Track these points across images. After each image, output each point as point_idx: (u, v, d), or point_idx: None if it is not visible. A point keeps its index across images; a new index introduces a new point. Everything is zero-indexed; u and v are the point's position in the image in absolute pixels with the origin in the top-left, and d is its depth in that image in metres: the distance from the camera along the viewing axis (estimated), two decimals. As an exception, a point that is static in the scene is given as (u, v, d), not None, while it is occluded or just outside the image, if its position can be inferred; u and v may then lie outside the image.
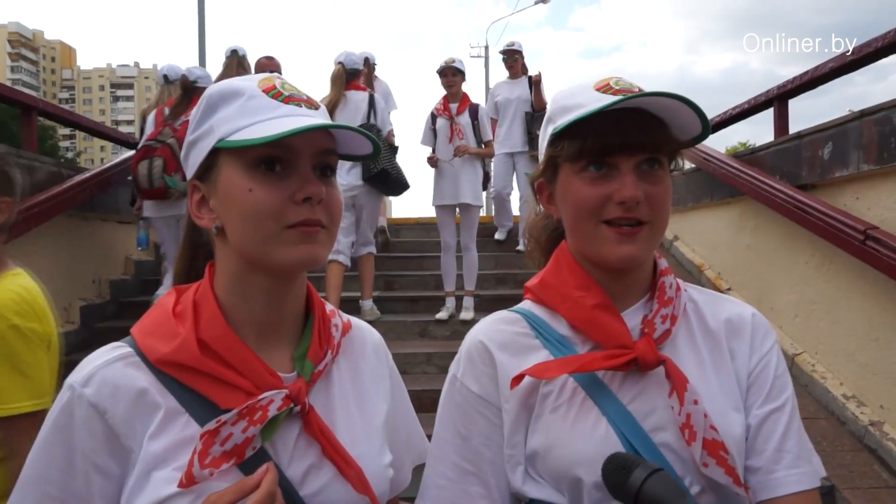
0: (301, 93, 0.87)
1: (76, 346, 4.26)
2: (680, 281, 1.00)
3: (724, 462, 0.85)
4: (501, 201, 6.34)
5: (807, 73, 4.11)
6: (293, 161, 0.82)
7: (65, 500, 0.80)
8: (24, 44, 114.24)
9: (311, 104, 0.87)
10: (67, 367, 3.93)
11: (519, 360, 0.95)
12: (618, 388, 0.91)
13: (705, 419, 0.86)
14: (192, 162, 0.87)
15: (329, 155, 0.86)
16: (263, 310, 0.87)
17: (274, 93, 0.84)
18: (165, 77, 4.77)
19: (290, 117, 0.82)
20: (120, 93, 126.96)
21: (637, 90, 0.91)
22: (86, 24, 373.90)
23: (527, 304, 1.03)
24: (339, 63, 4.59)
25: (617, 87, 0.91)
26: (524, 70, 6.13)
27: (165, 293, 0.90)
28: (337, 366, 0.94)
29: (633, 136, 0.88)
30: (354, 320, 1.03)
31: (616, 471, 0.76)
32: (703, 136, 0.94)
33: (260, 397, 0.81)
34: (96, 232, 4.82)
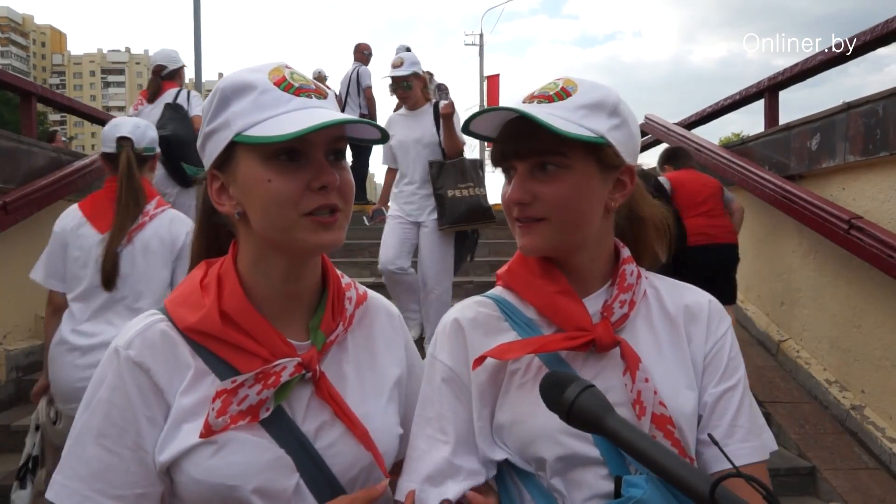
0: (310, 82, 0.90)
1: (76, 331, 4.31)
2: (642, 269, 1.07)
3: (670, 435, 0.91)
4: (393, 284, 4.12)
5: (797, 64, 4.18)
6: (308, 151, 0.86)
7: (120, 452, 0.86)
8: (13, 28, 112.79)
9: (320, 94, 0.90)
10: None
11: (489, 340, 1.00)
12: (580, 367, 0.97)
13: (654, 395, 0.92)
14: (210, 153, 0.90)
15: (340, 141, 0.90)
16: (283, 285, 0.93)
17: (285, 85, 0.87)
18: None
19: (303, 110, 0.86)
20: (111, 78, 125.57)
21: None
22: (76, 9, 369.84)
23: (497, 290, 1.08)
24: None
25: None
26: (427, 96, 4.03)
27: (196, 267, 0.98)
28: (352, 333, 1.01)
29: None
30: (370, 292, 1.09)
31: (552, 387, 0.82)
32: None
33: (274, 364, 0.88)
34: (94, 218, 4.85)
